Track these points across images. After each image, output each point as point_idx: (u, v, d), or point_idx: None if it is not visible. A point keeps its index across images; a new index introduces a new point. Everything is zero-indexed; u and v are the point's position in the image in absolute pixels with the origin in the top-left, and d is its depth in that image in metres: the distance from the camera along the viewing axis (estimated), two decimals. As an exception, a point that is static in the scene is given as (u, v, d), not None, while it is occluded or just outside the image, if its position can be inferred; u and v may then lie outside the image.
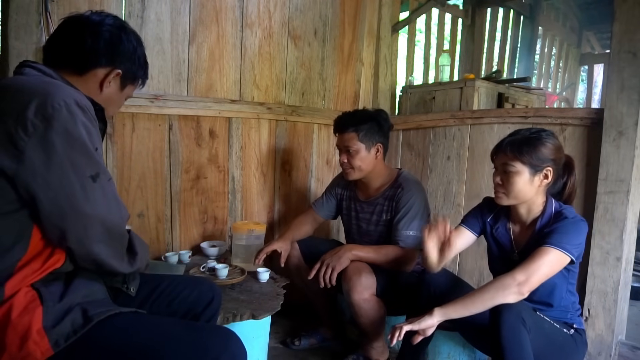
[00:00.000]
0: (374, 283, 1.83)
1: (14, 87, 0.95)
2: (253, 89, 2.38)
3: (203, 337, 0.98)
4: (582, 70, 6.54)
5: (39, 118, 0.88)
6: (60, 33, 1.10)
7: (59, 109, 0.89)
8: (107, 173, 0.99)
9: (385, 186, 2.03)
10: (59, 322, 0.92)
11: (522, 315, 1.29)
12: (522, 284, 1.33)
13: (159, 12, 2.03)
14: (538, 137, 1.44)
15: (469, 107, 2.62)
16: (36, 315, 0.91)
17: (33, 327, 0.89)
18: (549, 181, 1.46)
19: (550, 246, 1.36)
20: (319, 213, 2.24)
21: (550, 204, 1.50)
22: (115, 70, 1.11)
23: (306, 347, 2.14)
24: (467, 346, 1.76)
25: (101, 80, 1.11)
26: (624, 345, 1.94)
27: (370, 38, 2.87)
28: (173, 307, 1.26)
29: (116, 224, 0.99)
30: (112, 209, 0.98)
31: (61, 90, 0.94)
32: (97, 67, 1.09)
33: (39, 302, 0.93)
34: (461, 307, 1.37)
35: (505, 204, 1.52)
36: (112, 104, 1.17)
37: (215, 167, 2.31)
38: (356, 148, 1.96)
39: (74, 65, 1.08)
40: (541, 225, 1.48)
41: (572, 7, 5.59)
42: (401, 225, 1.92)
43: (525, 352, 1.27)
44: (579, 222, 1.42)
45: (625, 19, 1.84)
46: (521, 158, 1.42)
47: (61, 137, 0.89)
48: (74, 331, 0.93)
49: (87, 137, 0.93)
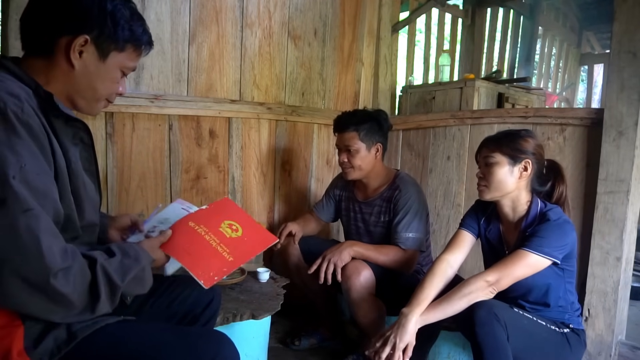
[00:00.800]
0: (373, 282, 1.83)
1: None
2: (253, 89, 2.38)
3: (194, 343, 0.93)
4: (582, 70, 6.54)
5: None
6: (23, 13, 0.94)
7: None
8: (25, 203, 0.76)
9: (383, 187, 2.04)
10: (42, 341, 0.85)
11: (494, 311, 1.31)
12: (491, 284, 1.38)
13: (159, 12, 2.03)
14: (517, 132, 1.53)
15: (469, 107, 2.62)
16: (17, 335, 0.83)
17: (14, 350, 0.81)
18: (529, 174, 1.48)
19: (526, 250, 1.39)
20: (320, 216, 2.25)
21: (535, 204, 1.51)
22: (79, 37, 0.90)
23: (306, 347, 2.14)
24: (467, 346, 1.76)
25: (66, 53, 0.91)
26: (624, 345, 1.94)
27: (370, 38, 2.87)
28: (173, 308, 1.25)
29: (30, 269, 0.76)
30: (18, 247, 0.75)
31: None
32: (56, 37, 0.91)
33: (19, 321, 0.84)
34: (438, 311, 1.40)
35: (487, 197, 1.54)
36: (96, 80, 0.96)
37: (215, 167, 2.31)
38: (356, 147, 1.96)
39: (38, 47, 0.92)
40: (526, 226, 1.50)
41: (572, 7, 5.59)
42: (400, 227, 1.92)
43: (501, 346, 1.28)
44: (562, 223, 1.43)
45: (625, 19, 1.84)
46: (500, 149, 1.48)
47: None
48: (58, 348, 0.86)
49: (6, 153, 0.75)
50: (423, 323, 1.39)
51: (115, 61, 0.97)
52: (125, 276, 0.89)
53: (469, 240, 1.64)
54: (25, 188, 0.77)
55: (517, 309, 1.44)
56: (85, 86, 0.96)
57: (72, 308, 0.82)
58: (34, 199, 0.78)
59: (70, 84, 0.94)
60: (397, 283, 1.92)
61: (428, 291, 1.45)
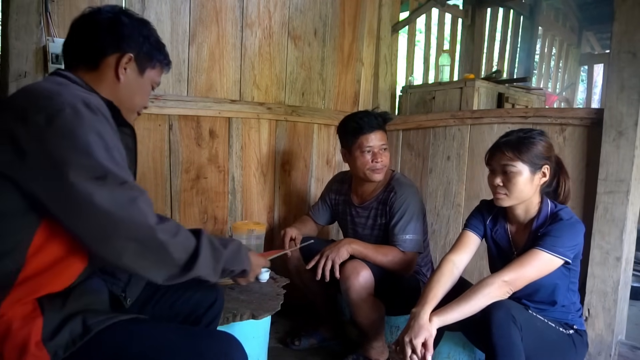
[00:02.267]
0: (373, 283, 1.83)
1: (28, 90, 0.94)
2: (253, 89, 2.38)
3: (203, 344, 0.97)
4: (582, 70, 6.54)
5: (43, 118, 0.85)
6: (68, 35, 1.10)
7: (62, 109, 0.86)
8: (119, 177, 0.89)
9: (379, 189, 2.04)
10: (58, 333, 0.90)
11: (511, 313, 1.30)
12: (507, 284, 1.36)
13: (159, 12, 2.03)
14: (532, 136, 1.47)
15: (469, 107, 2.62)
16: (36, 326, 0.88)
17: (32, 340, 0.87)
18: (546, 179, 1.48)
19: (541, 249, 1.38)
20: (316, 220, 2.25)
21: (545, 205, 1.50)
22: (126, 55, 1.08)
23: (306, 347, 2.14)
24: (467, 346, 1.76)
25: (115, 68, 1.08)
26: (623, 345, 1.94)
27: (370, 38, 2.87)
28: (175, 308, 1.25)
29: (137, 229, 0.89)
30: (125, 213, 0.88)
31: (68, 91, 0.92)
32: (106, 55, 1.07)
33: (39, 311, 0.91)
34: (455, 311, 1.37)
35: (506, 205, 1.52)
36: (136, 92, 1.14)
37: (215, 167, 2.31)
38: (387, 145, 2.01)
39: (86, 61, 1.07)
40: (537, 226, 1.49)
41: (572, 7, 5.58)
42: (397, 230, 1.92)
43: (516, 348, 1.27)
44: (574, 223, 1.43)
45: (625, 19, 1.84)
46: (521, 157, 1.44)
47: (61, 138, 0.85)
48: (73, 341, 0.91)
49: (95, 137, 0.87)
50: (442, 324, 1.36)
51: (149, 76, 1.16)
52: (226, 246, 1.08)
53: (474, 241, 1.62)
54: (114, 164, 0.89)
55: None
56: (127, 97, 1.11)
57: (173, 264, 0.93)
58: (124, 173, 0.91)
59: (114, 95, 1.08)
60: (397, 284, 1.92)
61: (436, 290, 1.44)
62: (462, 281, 1.69)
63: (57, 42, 1.73)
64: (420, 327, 1.32)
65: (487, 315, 1.31)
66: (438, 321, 1.36)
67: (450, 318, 1.37)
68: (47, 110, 0.86)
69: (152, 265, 0.92)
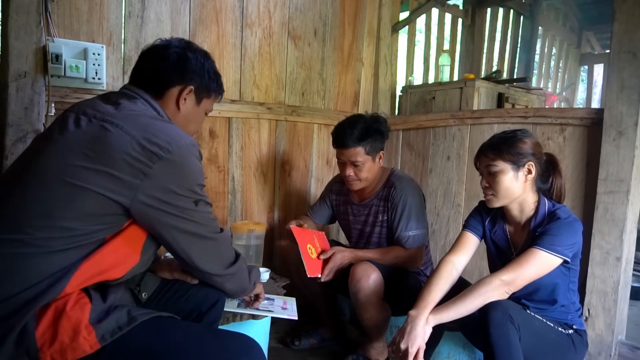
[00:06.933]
0: (382, 285, 1.82)
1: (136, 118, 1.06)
2: (253, 89, 2.38)
3: (228, 341, 1.06)
4: (582, 70, 6.54)
5: (162, 150, 0.99)
6: (138, 63, 1.22)
7: (183, 147, 1.04)
8: (208, 201, 1.12)
9: (379, 186, 2.04)
10: (104, 319, 0.99)
11: (509, 313, 1.30)
12: (506, 284, 1.36)
13: (159, 12, 2.03)
14: (514, 135, 1.49)
15: (469, 107, 2.62)
16: (85, 311, 0.97)
17: (82, 322, 0.96)
18: (533, 175, 1.47)
19: (539, 248, 1.38)
20: (315, 220, 2.25)
21: (543, 204, 1.50)
22: (187, 87, 1.18)
23: (306, 347, 2.14)
24: (467, 346, 1.76)
25: (176, 99, 1.19)
26: (624, 345, 1.94)
27: (370, 38, 2.87)
28: (179, 304, 1.28)
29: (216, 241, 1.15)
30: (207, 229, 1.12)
31: (182, 133, 1.08)
32: (170, 86, 1.17)
33: (87, 300, 1.00)
34: (452, 310, 1.37)
35: (496, 205, 1.53)
36: (191, 120, 1.24)
37: (215, 167, 2.31)
38: (363, 161, 1.93)
39: (153, 89, 1.17)
40: (535, 225, 1.49)
41: (572, 7, 5.58)
42: (400, 227, 1.93)
43: (514, 348, 1.27)
44: (572, 222, 1.43)
45: (625, 19, 1.84)
46: (502, 156, 1.46)
47: (178, 169, 1.03)
48: (119, 327, 0.99)
49: (198, 171, 1.07)
50: (438, 322, 1.37)
51: (204, 106, 1.26)
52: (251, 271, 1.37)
53: (473, 242, 1.62)
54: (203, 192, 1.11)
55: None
56: (184, 124, 1.20)
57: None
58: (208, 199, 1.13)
59: (174, 121, 1.18)
60: (401, 284, 1.92)
61: (435, 293, 1.44)
62: (462, 281, 1.69)
63: (57, 42, 1.73)
64: (417, 334, 1.33)
65: (484, 315, 1.32)
66: (434, 319, 1.37)
67: (447, 317, 1.37)
68: (171, 145, 1.04)
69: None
